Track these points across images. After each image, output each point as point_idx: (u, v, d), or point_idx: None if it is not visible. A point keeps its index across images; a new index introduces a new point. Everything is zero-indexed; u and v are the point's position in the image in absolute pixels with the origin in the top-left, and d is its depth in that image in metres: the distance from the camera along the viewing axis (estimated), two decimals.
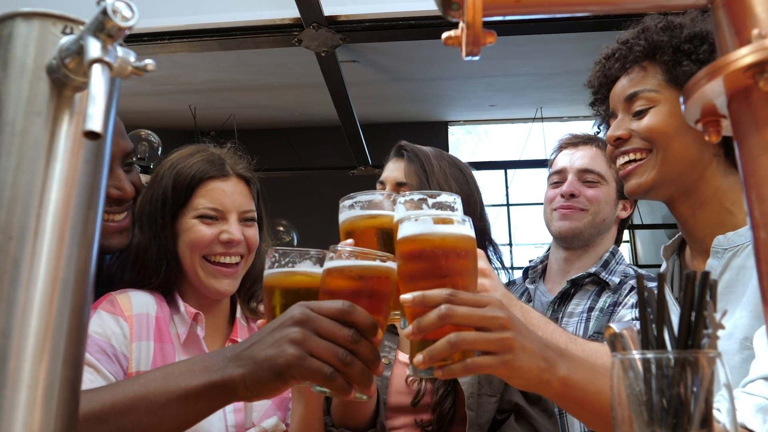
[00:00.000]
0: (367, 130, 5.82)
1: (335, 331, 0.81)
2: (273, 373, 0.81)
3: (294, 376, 0.81)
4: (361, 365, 0.82)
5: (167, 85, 4.10)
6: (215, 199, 1.26)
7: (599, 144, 1.67)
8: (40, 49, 0.57)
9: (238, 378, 0.82)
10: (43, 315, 0.55)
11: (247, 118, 5.48)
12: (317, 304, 0.85)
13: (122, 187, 1.26)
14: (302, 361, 0.80)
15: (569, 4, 0.60)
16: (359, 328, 0.83)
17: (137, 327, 1.20)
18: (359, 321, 0.83)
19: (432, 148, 1.52)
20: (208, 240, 1.25)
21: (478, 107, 6.21)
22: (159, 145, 4.16)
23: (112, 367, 1.13)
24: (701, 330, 0.54)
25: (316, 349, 0.80)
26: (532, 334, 0.83)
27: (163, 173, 1.31)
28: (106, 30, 0.50)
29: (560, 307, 1.55)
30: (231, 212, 1.28)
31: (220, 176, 1.28)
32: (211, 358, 0.86)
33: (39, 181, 0.56)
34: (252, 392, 0.83)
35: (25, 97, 0.57)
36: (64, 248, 0.57)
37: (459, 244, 0.84)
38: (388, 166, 1.51)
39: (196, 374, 0.84)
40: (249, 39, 2.30)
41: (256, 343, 0.84)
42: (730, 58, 0.52)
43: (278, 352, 0.81)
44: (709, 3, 0.61)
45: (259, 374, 0.81)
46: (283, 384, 0.82)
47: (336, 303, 0.83)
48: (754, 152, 0.53)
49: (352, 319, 0.82)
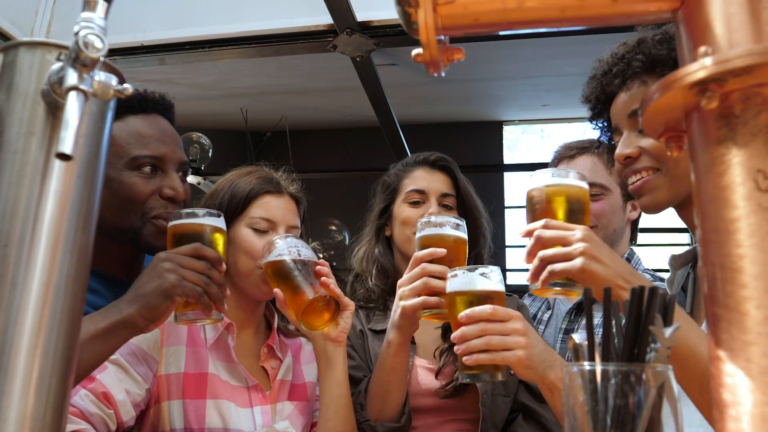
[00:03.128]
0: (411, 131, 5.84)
1: (194, 263, 1.10)
2: (162, 296, 1.06)
3: (178, 294, 1.07)
4: (216, 287, 1.11)
5: (216, 90, 4.25)
6: (268, 211, 1.36)
7: (595, 150, 1.62)
8: (37, 76, 0.64)
9: (134, 312, 1.06)
10: (37, 315, 0.61)
11: (300, 120, 5.60)
12: (176, 249, 1.13)
13: (175, 188, 1.34)
14: (180, 283, 1.07)
15: (529, 23, 0.62)
16: (209, 260, 1.12)
17: (168, 333, 1.27)
18: (208, 255, 1.13)
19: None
20: (259, 252, 1.33)
21: (530, 107, 6.14)
22: (210, 147, 4.32)
23: (140, 369, 1.20)
24: (646, 344, 0.54)
25: (186, 275, 1.08)
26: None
27: (221, 187, 1.40)
28: (80, 60, 0.55)
29: (576, 317, 1.52)
30: (281, 225, 1.37)
31: (275, 192, 1.39)
32: (111, 306, 1.10)
33: (35, 195, 0.62)
34: (148, 319, 1.07)
35: (24, 119, 0.63)
36: (57, 256, 0.63)
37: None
38: (422, 176, 1.56)
39: (101, 319, 1.07)
40: (285, 45, 2.37)
41: (140, 285, 1.09)
42: (676, 75, 0.53)
43: (161, 281, 1.07)
44: (672, 16, 0.61)
45: (151, 302, 1.06)
46: (171, 303, 1.08)
47: (190, 245, 1.13)
48: (701, 169, 0.53)
49: (202, 254, 1.12)
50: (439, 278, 1.21)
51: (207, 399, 1.22)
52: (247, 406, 1.27)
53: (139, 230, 1.32)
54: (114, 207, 1.30)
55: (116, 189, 1.30)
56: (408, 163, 1.62)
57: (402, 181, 1.59)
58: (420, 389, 1.42)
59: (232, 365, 1.30)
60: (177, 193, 1.34)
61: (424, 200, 1.54)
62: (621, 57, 1.21)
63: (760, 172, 0.49)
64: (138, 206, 1.31)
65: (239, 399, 1.27)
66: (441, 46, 0.66)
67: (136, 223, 1.32)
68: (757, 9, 0.53)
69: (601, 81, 1.31)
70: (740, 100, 0.51)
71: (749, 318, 0.47)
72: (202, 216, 1.19)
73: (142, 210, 1.31)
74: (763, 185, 0.48)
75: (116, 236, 1.33)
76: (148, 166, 1.32)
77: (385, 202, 1.61)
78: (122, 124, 1.33)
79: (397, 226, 1.55)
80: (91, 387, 1.09)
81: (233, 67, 3.50)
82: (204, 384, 1.24)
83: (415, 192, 1.54)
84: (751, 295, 0.48)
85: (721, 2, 0.54)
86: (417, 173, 1.58)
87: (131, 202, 1.31)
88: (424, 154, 1.60)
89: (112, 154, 1.30)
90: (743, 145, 0.50)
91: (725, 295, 0.49)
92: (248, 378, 1.29)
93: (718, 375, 0.49)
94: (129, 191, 1.30)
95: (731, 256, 0.49)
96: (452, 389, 1.38)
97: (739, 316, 0.48)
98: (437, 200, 1.54)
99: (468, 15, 0.60)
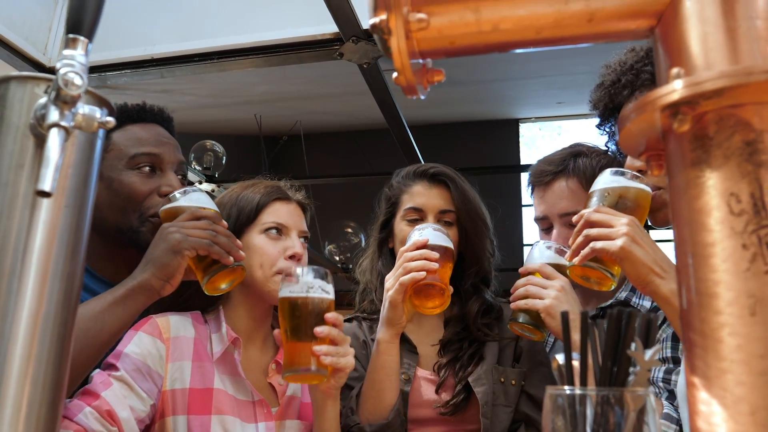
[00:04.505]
0: (425, 131, 5.82)
1: (195, 222, 1.20)
2: (171, 253, 1.15)
3: (186, 248, 1.15)
4: (224, 237, 1.19)
5: (228, 98, 4.29)
6: (280, 217, 1.37)
7: (571, 168, 1.47)
8: (27, 110, 0.65)
9: (148, 275, 1.15)
10: (26, 344, 0.62)
11: (314, 123, 5.62)
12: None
13: (173, 186, 1.37)
14: (186, 238, 1.15)
15: (506, 44, 0.61)
16: (208, 218, 1.21)
17: (174, 348, 1.27)
18: (206, 215, 1.22)
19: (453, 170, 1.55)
20: (275, 257, 1.33)
21: (545, 105, 6.11)
22: (223, 154, 4.35)
23: (145, 385, 1.20)
24: (624, 368, 0.54)
25: (191, 232, 1.17)
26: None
27: (227, 201, 1.40)
28: (61, 97, 0.56)
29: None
30: (293, 230, 1.38)
31: (284, 199, 1.40)
32: (129, 277, 1.18)
33: (25, 227, 0.64)
34: (162, 278, 1.16)
35: (15, 152, 0.65)
36: (46, 285, 0.64)
37: None
38: (420, 191, 1.51)
39: (118, 288, 1.15)
40: (293, 55, 2.39)
41: (150, 252, 1.18)
42: (649, 98, 0.52)
43: (168, 243, 1.16)
44: (649, 34, 0.61)
45: (161, 261, 1.15)
46: (181, 258, 1.15)
47: (184, 213, 1.22)
48: (677, 191, 0.53)
49: (200, 215, 1.21)
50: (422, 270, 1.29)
51: (212, 414, 1.23)
52: (252, 422, 1.27)
53: (138, 229, 1.36)
54: (114, 207, 1.35)
55: (116, 189, 1.35)
56: (408, 176, 1.57)
57: (401, 196, 1.55)
58: (421, 400, 1.43)
59: (239, 379, 1.30)
60: (173, 191, 1.37)
61: (422, 218, 1.50)
62: (630, 67, 1.20)
63: (733, 195, 0.48)
64: (137, 205, 1.35)
65: (244, 414, 1.27)
66: (420, 68, 0.66)
67: (135, 223, 1.36)
68: (733, 28, 0.52)
69: (609, 90, 1.30)
70: (714, 121, 0.50)
71: (724, 345, 0.47)
72: (191, 192, 1.29)
73: (140, 209, 1.36)
74: (735, 209, 0.48)
75: (117, 237, 1.37)
76: (147, 166, 1.37)
77: (385, 216, 1.58)
78: (122, 132, 1.39)
79: (397, 243, 1.53)
80: (95, 405, 1.11)
81: (244, 76, 3.53)
82: (209, 399, 1.24)
83: (412, 210, 1.50)
84: (725, 322, 0.47)
85: (697, 21, 0.53)
86: (415, 188, 1.53)
87: (130, 200, 1.35)
88: (424, 167, 1.55)
89: (113, 158, 1.36)
90: (717, 167, 0.49)
91: (700, 321, 0.49)
92: (254, 393, 1.29)
93: (694, 402, 0.49)
94: (128, 190, 1.35)
95: (706, 282, 0.49)
96: (452, 407, 1.38)
97: (713, 343, 0.47)
98: (435, 217, 1.49)
99: (443, 38, 0.60)
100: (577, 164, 1.45)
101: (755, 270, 0.46)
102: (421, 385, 1.43)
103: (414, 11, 0.58)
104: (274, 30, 2.31)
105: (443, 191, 1.50)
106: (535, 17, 0.58)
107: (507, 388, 1.39)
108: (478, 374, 1.38)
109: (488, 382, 1.37)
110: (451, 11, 0.58)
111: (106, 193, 1.36)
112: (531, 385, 1.42)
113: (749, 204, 0.47)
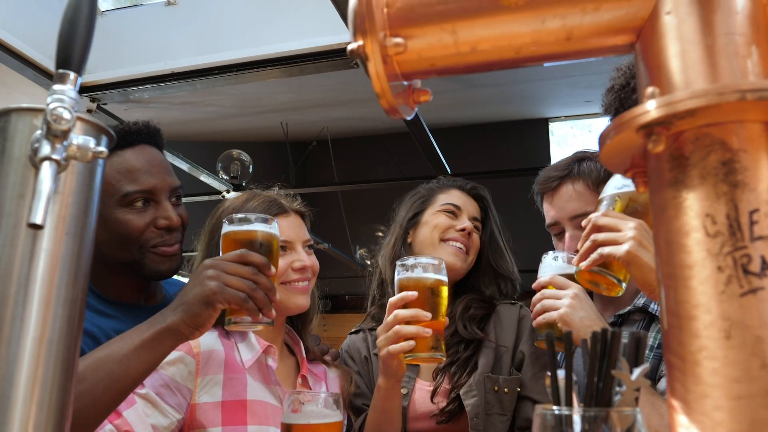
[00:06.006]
0: (451, 134, 5.77)
1: (239, 268, 1.10)
2: (203, 304, 1.07)
3: (219, 301, 1.07)
4: (263, 293, 1.10)
5: (252, 107, 4.34)
6: (282, 233, 1.36)
7: (576, 171, 1.49)
8: (26, 141, 0.67)
9: (178, 320, 1.08)
10: (32, 369, 0.65)
11: (341, 129, 5.65)
12: (222, 255, 1.14)
13: (168, 217, 1.37)
14: (222, 289, 1.07)
15: (487, 64, 0.61)
16: (255, 266, 1.11)
17: (204, 363, 1.29)
18: (255, 261, 1.11)
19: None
20: (283, 269, 1.35)
21: (573, 104, 6.02)
22: (250, 164, 4.41)
23: (173, 399, 1.23)
24: (609, 387, 0.53)
25: (229, 281, 1.08)
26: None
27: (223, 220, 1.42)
28: (51, 132, 0.58)
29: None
30: (297, 243, 1.40)
31: (281, 213, 1.40)
32: (157, 315, 1.11)
33: (27, 255, 0.66)
34: (192, 326, 1.09)
35: (16, 183, 0.67)
36: (49, 311, 0.67)
37: None
38: (458, 195, 1.66)
39: (146, 329, 1.09)
40: (310, 65, 2.41)
41: (184, 293, 1.10)
42: (624, 117, 0.52)
43: (202, 288, 1.08)
44: (630, 49, 0.60)
45: (193, 310, 1.08)
46: (213, 310, 1.08)
47: (236, 251, 1.12)
48: (656, 211, 0.52)
49: (249, 260, 1.11)
50: (413, 322, 1.23)
51: (248, 425, 1.24)
52: None
53: (141, 261, 1.35)
54: (112, 243, 1.33)
55: (112, 227, 1.32)
56: (444, 183, 1.70)
57: (437, 194, 1.67)
58: (418, 414, 1.45)
59: (273, 387, 1.32)
60: (171, 223, 1.37)
61: (458, 215, 1.62)
62: None
63: (709, 216, 0.47)
64: (135, 241, 1.34)
65: (278, 421, 1.29)
66: (405, 89, 0.67)
67: (136, 256, 1.35)
68: (711, 45, 0.51)
69: (619, 94, 1.28)
70: (691, 140, 0.49)
71: (701, 369, 0.46)
72: (253, 221, 1.18)
73: (139, 242, 1.34)
74: (711, 230, 0.47)
75: (120, 268, 1.38)
76: (140, 200, 1.34)
77: (415, 210, 1.66)
78: (110, 162, 1.33)
79: (428, 230, 1.61)
80: (116, 423, 1.14)
81: (265, 86, 3.58)
82: (243, 411, 1.26)
83: (451, 205, 1.62)
84: (703, 345, 0.46)
85: (675, 38, 0.53)
86: (453, 192, 1.67)
87: (128, 238, 1.33)
88: (461, 181, 1.70)
89: (104, 194, 1.31)
90: (693, 187, 0.48)
91: (678, 343, 0.48)
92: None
93: (674, 426, 0.48)
94: (124, 228, 1.33)
95: (684, 304, 0.48)
96: (447, 414, 1.39)
97: (691, 366, 0.47)
98: (468, 218, 1.62)
99: (423, 61, 0.61)
100: (582, 167, 1.46)
101: (730, 293, 0.45)
102: (419, 397, 1.44)
103: (391, 36, 0.59)
104: (291, 41, 2.35)
105: (476, 204, 1.67)
106: (512, 37, 0.58)
107: (501, 396, 1.39)
108: (470, 385, 1.39)
109: (480, 393, 1.38)
110: (429, 34, 0.59)
111: (102, 231, 1.31)
112: (534, 390, 1.41)
113: (725, 225, 0.46)
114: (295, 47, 2.33)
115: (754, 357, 0.43)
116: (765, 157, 0.47)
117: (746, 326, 0.44)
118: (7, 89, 2.87)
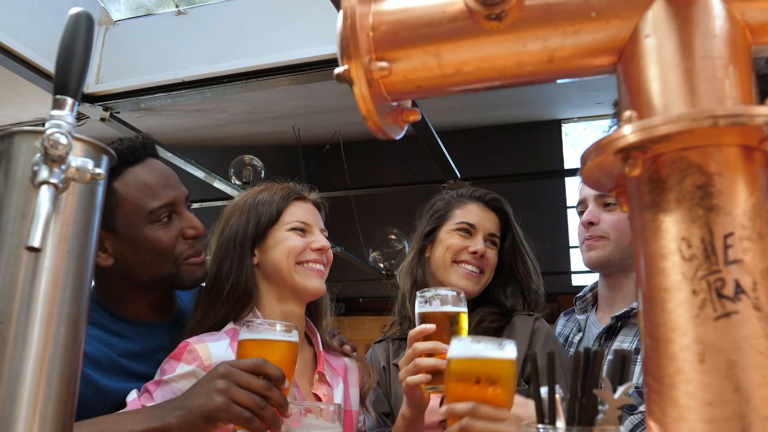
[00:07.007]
0: (462, 136, 5.76)
1: (251, 381, 1.03)
2: (204, 418, 1.02)
3: (221, 419, 1.02)
4: (272, 410, 1.04)
5: (263, 113, 4.38)
6: (303, 214, 1.41)
7: None
8: (28, 163, 0.70)
9: (174, 424, 1.03)
10: (34, 385, 0.67)
11: (353, 132, 5.67)
12: (237, 361, 1.07)
13: (194, 226, 1.39)
14: (227, 407, 1.01)
15: (472, 84, 0.62)
16: (270, 379, 1.05)
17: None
18: (270, 373, 1.05)
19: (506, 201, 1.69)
20: (301, 248, 1.38)
21: (585, 106, 6.00)
22: (262, 169, 4.45)
23: None
24: (592, 407, 0.54)
25: (238, 397, 1.02)
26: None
27: (241, 208, 1.43)
28: (49, 156, 0.60)
29: (606, 342, 1.48)
30: (315, 226, 1.43)
31: (302, 198, 1.45)
32: (157, 408, 1.07)
33: (30, 274, 0.68)
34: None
35: (18, 203, 0.69)
36: (51, 328, 0.68)
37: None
38: (475, 210, 1.63)
39: (141, 420, 1.04)
40: (318, 72, 2.44)
41: (190, 395, 1.05)
42: (603, 141, 0.53)
43: (208, 400, 1.02)
44: (613, 70, 0.60)
45: (192, 420, 1.03)
46: (212, 426, 1.03)
47: (252, 360, 1.06)
48: (636, 234, 0.53)
49: (264, 371, 1.05)
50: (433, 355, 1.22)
51: None
52: None
53: (177, 274, 1.37)
54: (145, 262, 1.34)
55: (142, 245, 1.33)
56: (463, 195, 1.67)
57: (453, 210, 1.65)
58: (426, 422, 1.45)
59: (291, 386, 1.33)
60: (198, 231, 1.40)
61: (473, 234, 1.60)
62: None
63: (684, 240, 0.48)
64: (169, 255, 1.35)
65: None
66: (394, 110, 0.68)
67: (171, 270, 1.36)
68: (689, 69, 0.52)
69: None
70: (667, 164, 0.50)
71: (678, 392, 0.47)
72: (274, 330, 1.13)
73: (173, 256, 1.36)
74: (686, 254, 0.47)
75: (153, 286, 1.39)
76: (165, 215, 1.35)
77: (431, 225, 1.66)
78: (124, 181, 1.34)
79: (441, 249, 1.61)
80: None
81: (274, 93, 3.61)
82: None
83: (465, 224, 1.60)
84: (679, 368, 0.47)
85: (654, 61, 0.53)
86: (470, 207, 1.64)
87: (162, 254, 1.34)
88: (481, 191, 1.67)
89: (127, 213, 1.33)
90: (669, 211, 0.49)
91: (656, 366, 0.48)
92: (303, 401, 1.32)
93: None
94: (157, 245, 1.34)
95: (660, 327, 0.48)
96: None
97: (668, 389, 0.47)
98: (484, 237, 1.60)
99: (409, 83, 0.62)
100: None
101: (704, 316, 0.46)
102: (429, 408, 1.44)
103: (377, 59, 0.60)
104: (299, 49, 2.37)
105: (495, 217, 1.64)
106: (495, 59, 0.59)
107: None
108: None
109: None
110: (413, 57, 0.60)
111: (132, 251, 1.34)
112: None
113: (699, 249, 0.47)
114: (303, 55, 2.36)
115: (727, 381, 0.44)
116: (741, 181, 0.48)
117: (719, 350, 0.45)
118: (23, 99, 2.93)
